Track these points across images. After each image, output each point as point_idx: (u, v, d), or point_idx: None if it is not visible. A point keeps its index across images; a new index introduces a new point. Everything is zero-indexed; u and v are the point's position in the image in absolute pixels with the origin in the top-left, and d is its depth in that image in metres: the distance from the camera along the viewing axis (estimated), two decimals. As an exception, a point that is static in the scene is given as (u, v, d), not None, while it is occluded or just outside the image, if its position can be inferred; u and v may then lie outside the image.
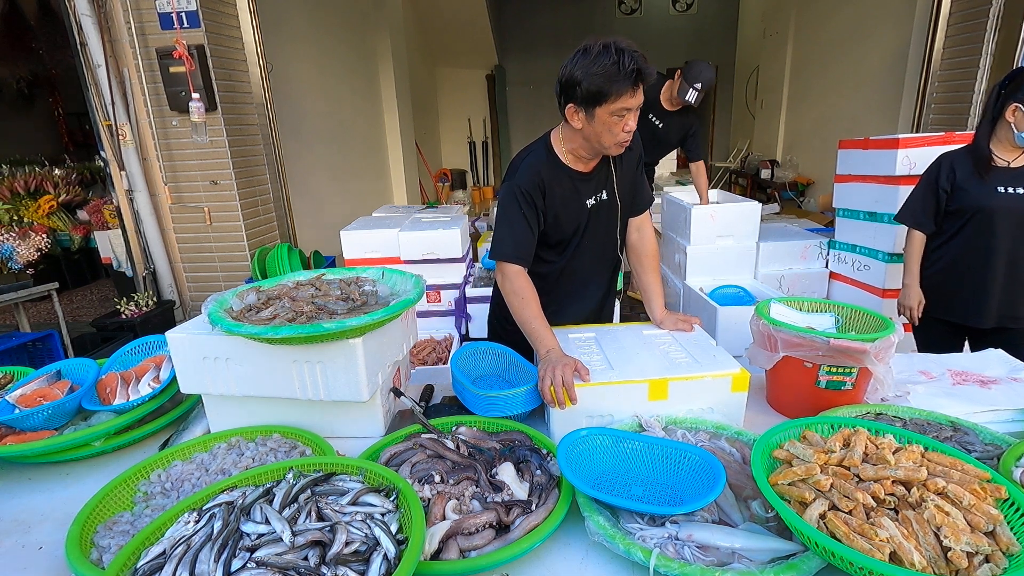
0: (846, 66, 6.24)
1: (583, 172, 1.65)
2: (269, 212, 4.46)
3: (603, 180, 1.70)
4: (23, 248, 4.67)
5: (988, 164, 2.06)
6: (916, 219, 2.25)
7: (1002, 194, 2.03)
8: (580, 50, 1.43)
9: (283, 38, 5.10)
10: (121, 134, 3.84)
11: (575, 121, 1.50)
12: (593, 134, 1.50)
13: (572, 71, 1.42)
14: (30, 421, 1.40)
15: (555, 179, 1.61)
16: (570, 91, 1.45)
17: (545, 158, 1.63)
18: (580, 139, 1.55)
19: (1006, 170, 2.05)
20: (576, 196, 1.65)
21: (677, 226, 3.75)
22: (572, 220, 1.68)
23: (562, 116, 1.54)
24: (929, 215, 2.21)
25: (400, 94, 7.85)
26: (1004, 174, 2.04)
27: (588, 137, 1.52)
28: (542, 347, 1.45)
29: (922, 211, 2.22)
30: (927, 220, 2.22)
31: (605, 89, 1.39)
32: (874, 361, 1.33)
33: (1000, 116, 2.01)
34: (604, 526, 0.97)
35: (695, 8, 10.40)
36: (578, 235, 1.71)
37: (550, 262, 1.75)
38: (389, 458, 1.22)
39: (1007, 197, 2.03)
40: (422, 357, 3.15)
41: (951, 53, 3.84)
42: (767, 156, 8.26)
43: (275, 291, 1.47)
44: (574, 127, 1.52)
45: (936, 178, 2.17)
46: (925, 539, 0.86)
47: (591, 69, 1.39)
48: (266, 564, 0.83)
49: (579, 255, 1.75)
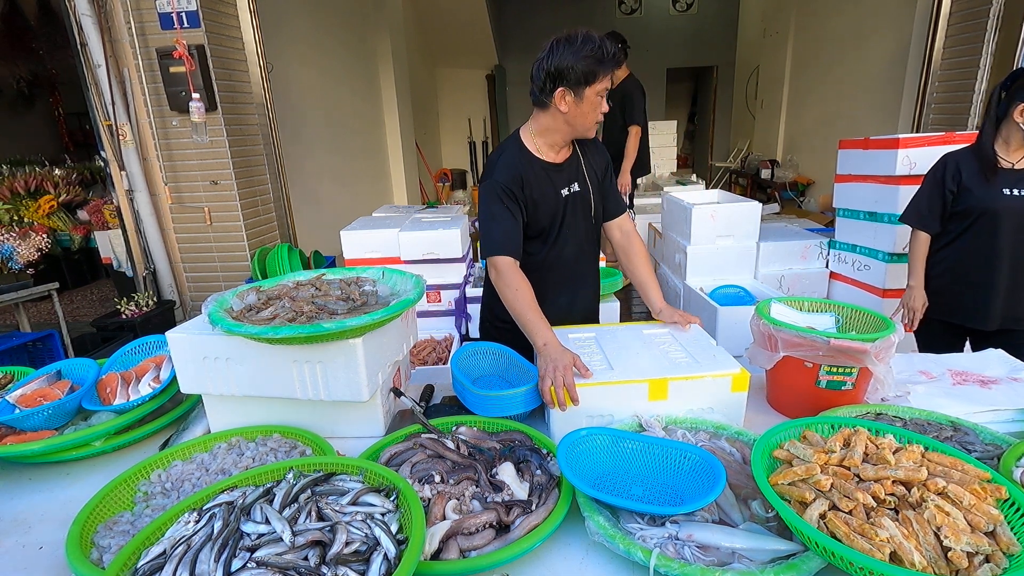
0: (846, 66, 6.24)
1: (555, 163, 1.75)
2: (269, 212, 4.46)
3: (575, 171, 1.79)
4: (23, 248, 4.67)
5: (994, 166, 2.05)
6: (921, 220, 2.23)
7: (1008, 196, 2.02)
8: (562, 40, 1.56)
9: (283, 38, 5.09)
10: (121, 134, 3.84)
11: (562, 105, 1.59)
12: (579, 115, 1.61)
13: (562, 58, 1.53)
14: (30, 421, 1.40)
15: (530, 171, 1.69)
16: (560, 76, 1.55)
17: (518, 152, 1.71)
18: (561, 124, 1.65)
19: (1011, 172, 2.04)
20: (551, 186, 1.73)
21: (677, 226, 3.75)
22: (549, 210, 1.74)
23: (542, 106, 1.65)
24: (935, 216, 2.19)
25: (400, 94, 7.84)
26: (1009, 176, 2.04)
27: (572, 120, 1.63)
28: (539, 339, 1.46)
29: (928, 212, 2.20)
30: (933, 221, 2.20)
31: (595, 69, 1.53)
32: (874, 361, 1.33)
33: (1005, 117, 2.01)
34: (604, 526, 0.97)
35: (695, 8, 10.40)
36: (556, 225, 1.77)
37: (533, 253, 1.80)
38: (389, 458, 1.22)
39: (1012, 199, 2.02)
40: (422, 357, 3.15)
41: (951, 53, 3.84)
42: (767, 156, 8.26)
43: (275, 291, 1.47)
44: (559, 111, 1.61)
45: (942, 178, 2.15)
46: (925, 539, 0.86)
47: (581, 52, 1.52)
48: (266, 564, 0.83)
49: (560, 245, 1.81)
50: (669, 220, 3.99)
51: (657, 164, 6.28)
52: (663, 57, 10.55)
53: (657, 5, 10.46)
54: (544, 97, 1.61)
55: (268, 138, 4.44)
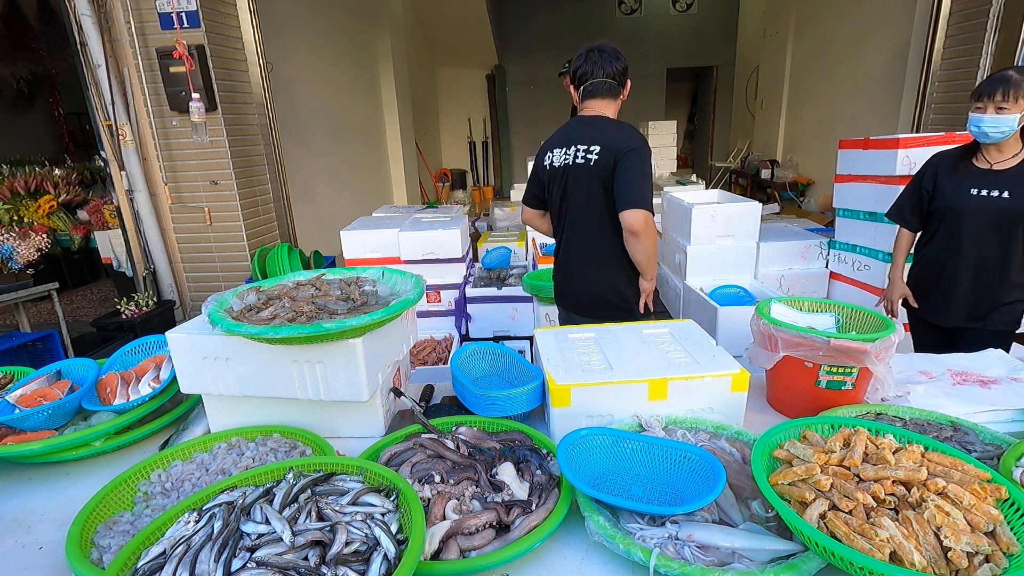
0: (846, 66, 6.24)
1: None
2: (269, 212, 4.47)
3: None
4: (23, 248, 4.67)
5: (965, 164, 2.07)
6: (902, 216, 2.29)
7: (974, 196, 2.04)
8: (606, 46, 2.01)
9: (283, 38, 5.10)
10: (121, 134, 3.84)
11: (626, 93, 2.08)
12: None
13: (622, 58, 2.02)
14: (30, 421, 1.40)
15: None
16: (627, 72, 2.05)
17: None
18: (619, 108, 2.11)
19: (987, 172, 2.04)
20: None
21: (677, 226, 3.75)
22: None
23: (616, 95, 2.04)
24: (914, 213, 2.24)
25: (400, 94, 7.85)
26: (984, 176, 2.04)
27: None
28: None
29: (908, 209, 2.26)
30: (912, 218, 2.25)
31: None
32: (874, 361, 1.33)
33: None
34: (604, 526, 0.97)
35: (695, 8, 10.40)
36: None
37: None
38: (389, 458, 1.22)
39: (978, 199, 2.03)
40: (422, 357, 3.15)
41: (951, 53, 3.84)
42: (767, 156, 8.26)
43: (275, 291, 1.47)
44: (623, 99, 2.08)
45: (920, 176, 2.21)
46: (925, 539, 0.86)
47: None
48: (266, 564, 0.83)
49: None
50: (669, 220, 3.99)
51: (657, 164, 6.28)
52: (663, 57, 10.56)
53: (657, 5, 10.46)
54: (621, 88, 2.04)
55: (268, 138, 4.44)
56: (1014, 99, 1.87)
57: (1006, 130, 1.91)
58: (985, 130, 1.93)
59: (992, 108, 1.90)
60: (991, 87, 1.90)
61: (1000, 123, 1.90)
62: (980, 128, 1.95)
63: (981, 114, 1.93)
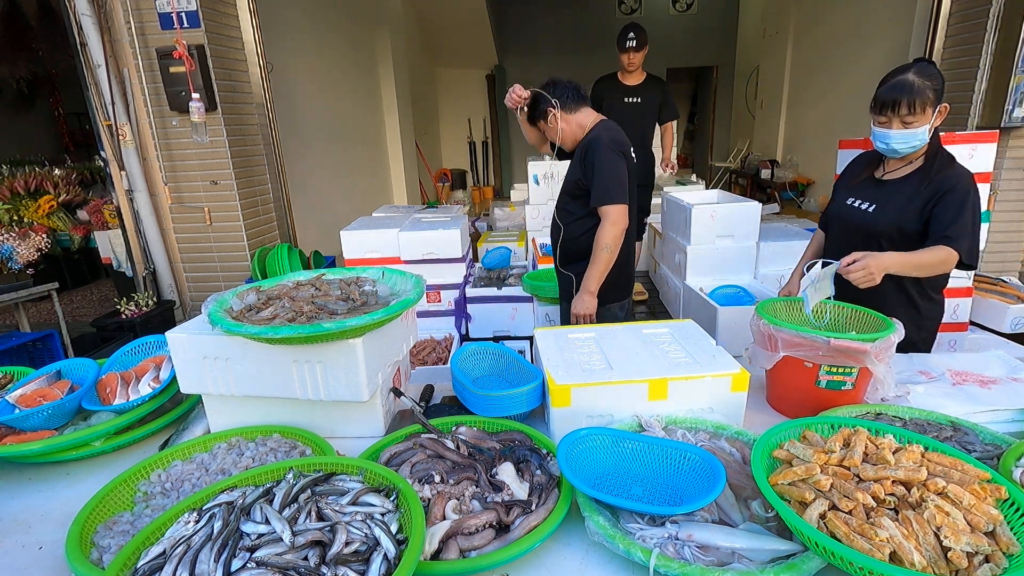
0: (846, 66, 6.24)
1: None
2: (269, 212, 4.46)
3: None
4: (23, 248, 4.67)
5: (867, 171, 1.90)
6: (821, 218, 2.14)
7: (847, 206, 1.90)
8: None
9: (283, 38, 5.09)
10: (121, 134, 3.84)
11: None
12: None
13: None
14: (30, 421, 1.40)
15: None
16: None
17: None
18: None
19: (874, 182, 1.86)
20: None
21: (677, 226, 3.75)
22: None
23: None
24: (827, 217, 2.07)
25: (400, 94, 7.85)
26: (868, 186, 1.88)
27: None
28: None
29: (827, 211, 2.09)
30: (823, 218, 2.09)
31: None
32: (874, 361, 1.33)
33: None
34: (604, 526, 0.97)
35: (695, 8, 10.40)
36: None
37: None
38: (389, 458, 1.22)
39: (848, 209, 1.89)
40: (422, 357, 3.15)
41: (951, 53, 3.84)
42: (767, 156, 8.26)
43: (275, 291, 1.47)
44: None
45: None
46: (925, 539, 0.86)
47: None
48: (266, 564, 0.83)
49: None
50: (669, 220, 3.99)
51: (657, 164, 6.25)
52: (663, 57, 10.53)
53: (657, 5, 10.46)
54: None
55: (268, 138, 4.44)
56: (920, 109, 1.62)
57: (917, 144, 1.68)
58: (894, 147, 1.70)
59: (898, 123, 1.65)
60: (893, 98, 1.64)
61: (910, 138, 1.66)
62: (888, 144, 1.70)
63: (887, 129, 1.68)
